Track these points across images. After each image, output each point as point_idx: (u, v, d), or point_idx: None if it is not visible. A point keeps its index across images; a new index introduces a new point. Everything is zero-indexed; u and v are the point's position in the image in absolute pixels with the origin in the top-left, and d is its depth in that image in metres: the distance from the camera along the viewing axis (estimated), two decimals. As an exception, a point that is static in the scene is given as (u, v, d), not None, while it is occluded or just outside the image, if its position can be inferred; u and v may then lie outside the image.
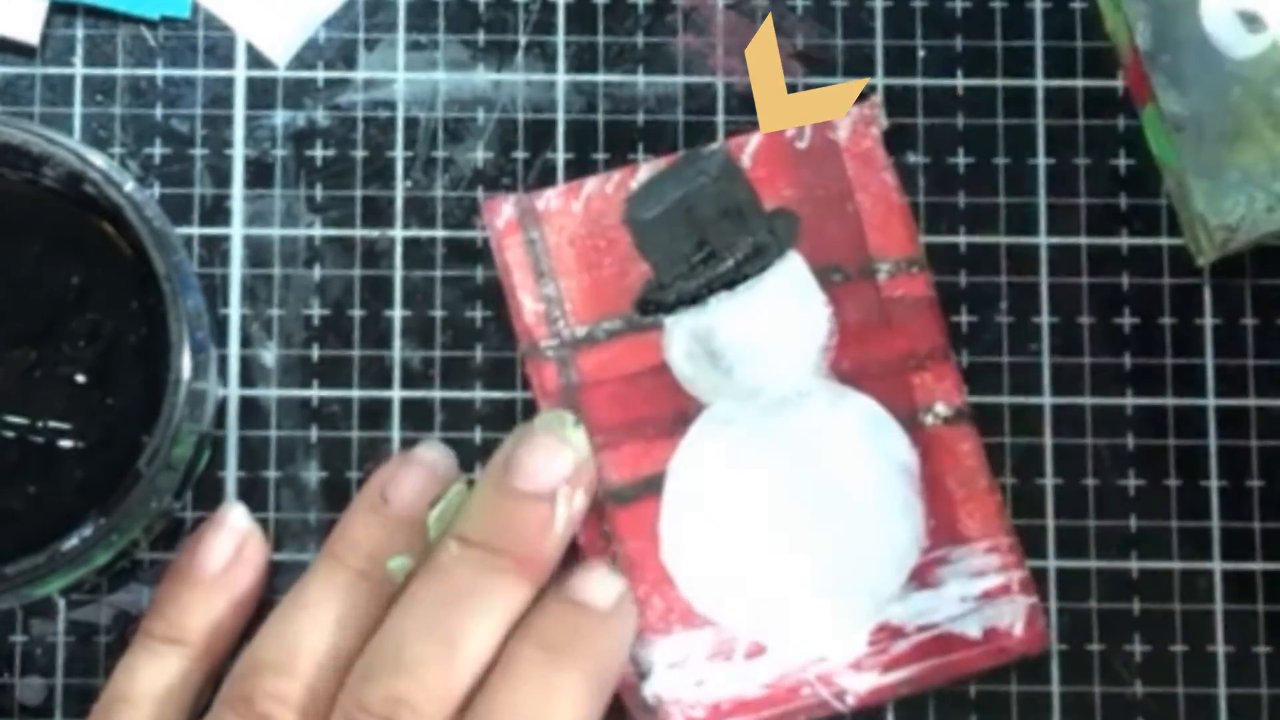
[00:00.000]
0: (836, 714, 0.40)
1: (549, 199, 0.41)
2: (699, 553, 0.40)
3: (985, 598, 0.40)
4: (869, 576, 0.40)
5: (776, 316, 0.41)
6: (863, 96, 0.41)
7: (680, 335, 0.41)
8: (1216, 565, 0.40)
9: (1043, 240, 0.41)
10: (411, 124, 0.42)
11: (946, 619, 0.40)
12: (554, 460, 0.38)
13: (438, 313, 0.41)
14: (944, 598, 0.40)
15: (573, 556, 0.39)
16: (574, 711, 0.36)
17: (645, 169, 0.41)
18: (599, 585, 0.38)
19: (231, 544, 0.39)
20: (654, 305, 0.41)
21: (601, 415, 0.40)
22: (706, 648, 0.40)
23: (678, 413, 0.40)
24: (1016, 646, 0.40)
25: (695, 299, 0.41)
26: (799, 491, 0.40)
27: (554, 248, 0.41)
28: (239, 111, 0.42)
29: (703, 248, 0.41)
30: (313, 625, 0.37)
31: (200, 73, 0.42)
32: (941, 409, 0.40)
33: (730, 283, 0.41)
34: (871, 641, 0.40)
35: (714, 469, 0.40)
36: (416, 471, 0.39)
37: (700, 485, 0.40)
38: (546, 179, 0.41)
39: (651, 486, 0.40)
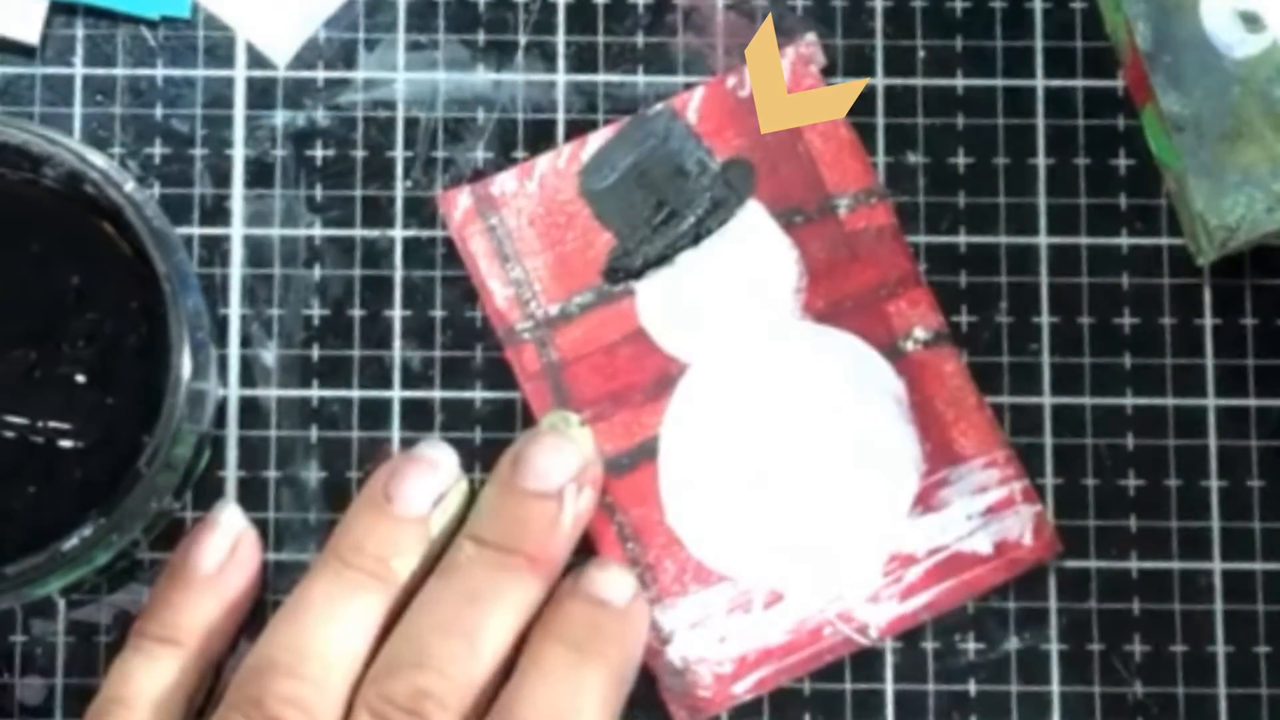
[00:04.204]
0: (861, 649, 0.40)
1: (503, 183, 0.41)
2: (703, 510, 0.40)
3: (990, 512, 0.40)
4: (873, 509, 0.40)
5: (744, 266, 0.41)
6: (797, 38, 0.41)
7: (653, 298, 0.41)
8: (1216, 565, 0.40)
9: (1043, 240, 0.41)
10: (411, 124, 0.42)
11: (956, 539, 0.40)
12: (560, 459, 0.39)
13: (438, 313, 0.41)
14: (950, 518, 0.40)
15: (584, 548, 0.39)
16: (600, 704, 0.37)
17: (594, 139, 0.41)
18: (615, 582, 0.39)
19: (225, 544, 0.39)
20: (622, 273, 0.41)
21: (587, 389, 0.40)
22: (724, 603, 0.40)
23: (662, 375, 0.41)
24: (1028, 556, 0.40)
25: (662, 260, 0.41)
26: (793, 435, 0.40)
27: (515, 230, 0.41)
28: (239, 111, 0.42)
29: (662, 209, 0.41)
30: (320, 626, 0.37)
31: (200, 73, 0.42)
32: (920, 333, 0.41)
33: (695, 239, 0.41)
34: (886, 572, 0.40)
35: (706, 425, 0.41)
36: (419, 469, 0.39)
37: (695, 443, 0.40)
38: (546, 179, 0.42)
39: (646, 452, 0.40)
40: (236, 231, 0.41)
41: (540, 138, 0.42)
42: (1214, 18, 0.39)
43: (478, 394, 0.41)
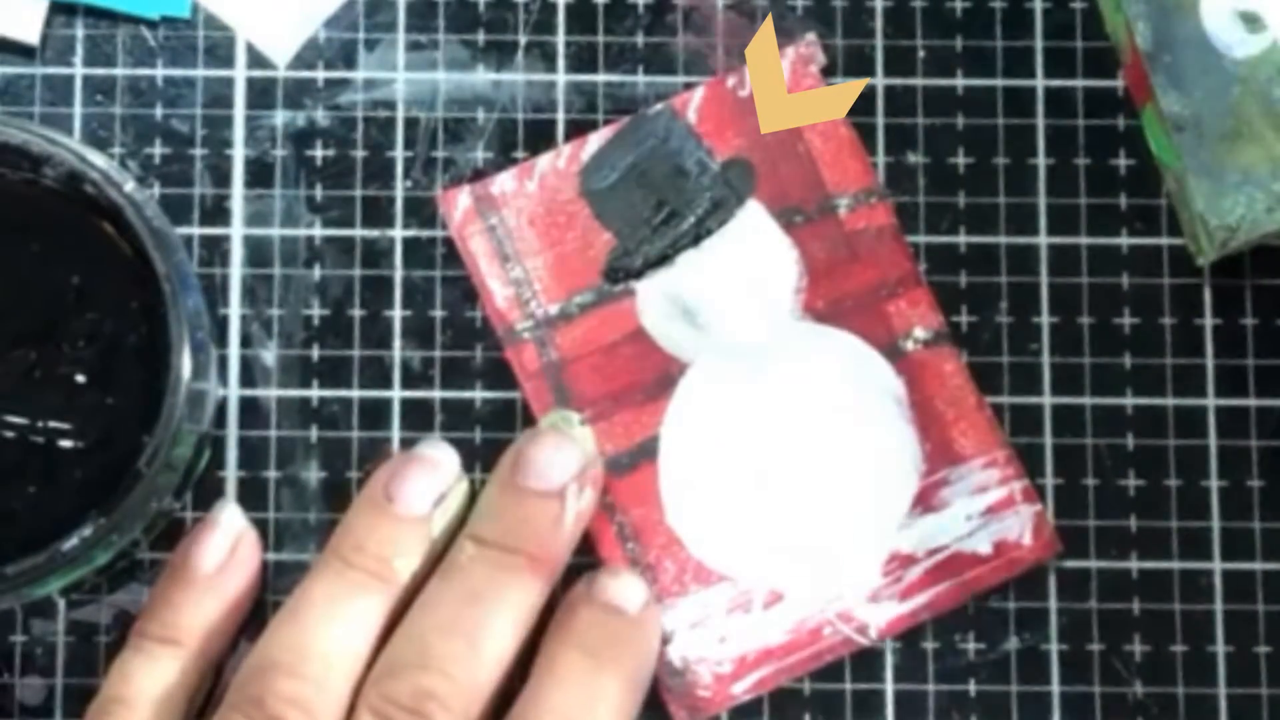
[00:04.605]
0: (861, 649, 0.40)
1: (503, 183, 0.41)
2: (703, 510, 0.40)
3: (990, 513, 0.40)
4: (873, 509, 0.40)
5: (745, 266, 0.41)
6: (797, 38, 0.42)
7: (653, 298, 0.41)
8: (1216, 565, 0.40)
9: (1043, 240, 0.41)
10: (411, 124, 0.42)
11: (955, 539, 0.40)
12: (561, 458, 0.39)
13: (438, 313, 0.41)
14: (950, 518, 0.40)
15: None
16: (617, 711, 0.37)
17: (594, 139, 0.41)
18: (627, 589, 0.39)
19: (225, 544, 0.39)
20: (622, 272, 0.41)
21: (587, 388, 0.41)
22: (724, 603, 0.40)
23: (662, 375, 0.41)
24: (1027, 556, 0.40)
25: (662, 260, 0.41)
26: (793, 435, 0.40)
27: (515, 230, 0.41)
28: (239, 111, 0.42)
29: (662, 209, 0.41)
30: (322, 626, 0.37)
31: (200, 73, 0.42)
32: (920, 333, 0.41)
33: (695, 239, 0.41)
34: (885, 572, 0.40)
35: (706, 425, 0.41)
36: (420, 469, 0.39)
37: (695, 443, 0.41)
38: (546, 179, 0.41)
39: (647, 452, 0.40)
40: (236, 231, 0.41)
41: (540, 138, 0.42)
42: (1214, 18, 0.39)
43: (478, 394, 0.41)
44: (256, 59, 0.42)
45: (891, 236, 0.41)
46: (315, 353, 0.41)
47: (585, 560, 0.40)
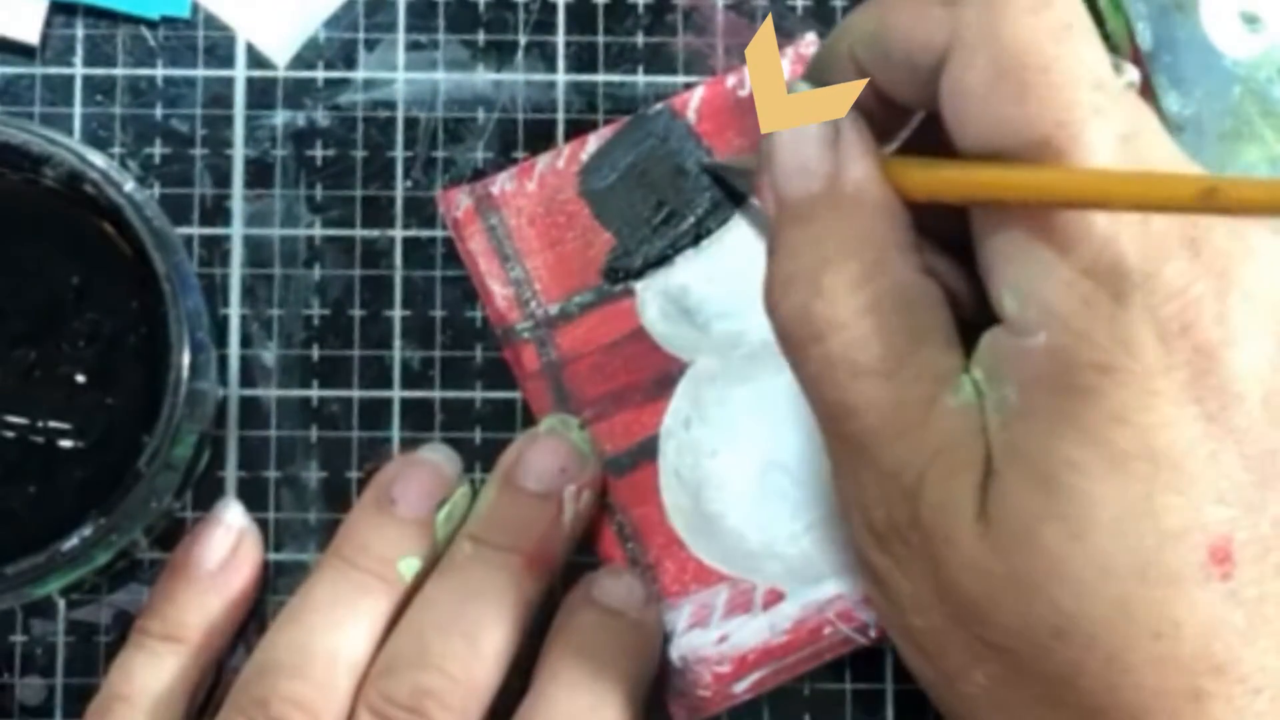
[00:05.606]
0: (861, 649, 0.40)
1: (502, 182, 0.41)
2: (703, 509, 0.40)
3: None
4: None
5: (744, 266, 0.41)
6: (797, 38, 0.42)
7: (653, 298, 0.41)
8: (1216, 565, 0.40)
9: (1043, 240, 0.41)
10: (411, 124, 0.42)
11: None
12: (560, 461, 0.39)
13: (438, 313, 0.41)
14: None
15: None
16: (620, 714, 0.37)
17: (594, 139, 0.41)
18: (627, 591, 0.39)
19: (228, 542, 0.39)
20: (622, 272, 0.41)
21: (586, 388, 0.40)
22: (724, 603, 0.40)
23: (661, 375, 0.41)
24: None
25: (662, 260, 0.41)
26: (792, 434, 0.40)
27: (515, 230, 0.41)
28: (239, 111, 0.42)
29: (662, 209, 0.41)
30: (325, 627, 0.37)
31: (200, 73, 0.42)
32: None
33: (694, 239, 0.41)
34: None
35: (705, 424, 0.40)
36: (423, 473, 0.39)
37: (694, 442, 0.40)
38: (546, 179, 0.41)
39: (646, 452, 0.40)
40: (236, 231, 0.41)
41: (540, 138, 0.42)
42: (1214, 18, 0.39)
43: (478, 394, 0.41)
44: (256, 59, 0.42)
45: None
46: (315, 353, 0.41)
47: (585, 560, 0.40)
